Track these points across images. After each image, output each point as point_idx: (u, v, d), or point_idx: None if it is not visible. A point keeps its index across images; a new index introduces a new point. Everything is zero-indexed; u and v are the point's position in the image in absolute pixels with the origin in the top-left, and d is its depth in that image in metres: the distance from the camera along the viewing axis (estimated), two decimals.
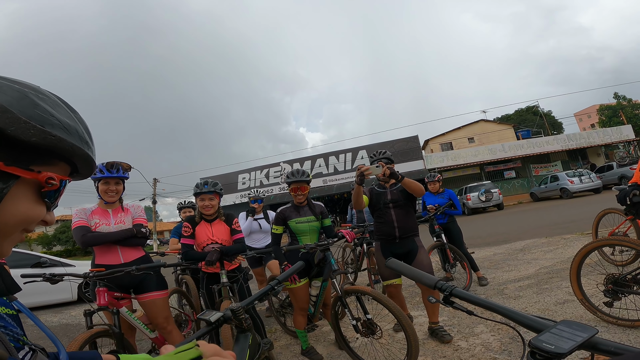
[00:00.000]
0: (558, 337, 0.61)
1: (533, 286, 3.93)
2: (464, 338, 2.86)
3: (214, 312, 1.11)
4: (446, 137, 31.49)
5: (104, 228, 2.51)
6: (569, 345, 0.58)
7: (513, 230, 9.04)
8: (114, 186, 2.56)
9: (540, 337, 0.62)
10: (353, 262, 5.48)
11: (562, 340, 0.60)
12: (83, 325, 5.34)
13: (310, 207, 3.07)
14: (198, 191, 2.88)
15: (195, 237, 2.90)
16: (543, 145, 23.78)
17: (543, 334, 0.63)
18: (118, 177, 2.55)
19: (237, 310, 1.16)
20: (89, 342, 2.08)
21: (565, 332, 0.62)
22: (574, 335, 0.61)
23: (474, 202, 17.81)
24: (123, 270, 2.32)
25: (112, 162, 2.50)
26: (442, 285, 0.87)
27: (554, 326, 0.65)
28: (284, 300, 3.75)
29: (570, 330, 0.62)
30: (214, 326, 1.10)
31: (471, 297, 0.81)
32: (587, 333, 0.61)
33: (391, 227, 3.01)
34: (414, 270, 0.97)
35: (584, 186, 16.87)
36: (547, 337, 0.62)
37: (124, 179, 2.62)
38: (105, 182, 2.52)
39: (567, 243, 5.97)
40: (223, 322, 1.13)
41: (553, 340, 0.60)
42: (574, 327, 0.63)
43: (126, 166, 2.58)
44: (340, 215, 29.67)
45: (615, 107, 37.84)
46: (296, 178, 3.00)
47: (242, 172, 27.06)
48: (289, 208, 3.05)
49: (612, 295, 2.51)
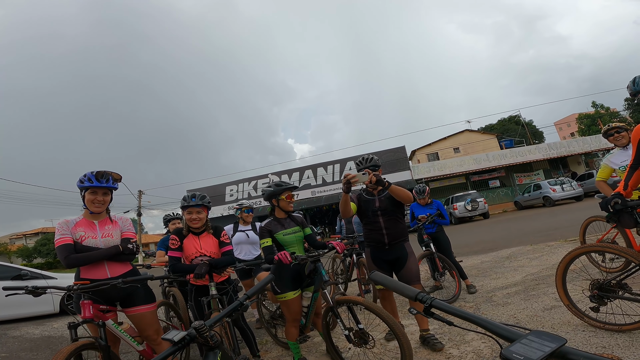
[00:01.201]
0: (528, 348, 0.63)
1: (520, 293, 3.99)
2: (455, 346, 2.87)
3: (177, 332, 1.11)
4: (432, 147, 32.08)
5: (90, 241, 2.41)
6: (538, 356, 0.61)
7: (499, 239, 9.20)
8: (102, 197, 2.46)
9: (511, 347, 0.65)
10: (343, 273, 5.47)
11: (531, 351, 0.62)
12: (66, 337, 5.19)
13: (292, 218, 3.07)
14: (185, 204, 2.84)
15: (183, 250, 2.86)
16: (525, 154, 24.44)
17: (514, 345, 0.66)
18: (107, 187, 2.47)
19: (200, 328, 1.16)
20: (74, 354, 2.03)
21: (535, 342, 0.65)
22: (543, 345, 0.64)
23: (460, 211, 18.06)
24: (109, 283, 2.26)
25: (102, 172, 2.43)
26: (423, 297, 0.91)
27: (525, 336, 0.67)
28: (275, 312, 3.70)
29: (540, 340, 0.65)
30: (179, 346, 1.09)
31: (450, 309, 0.85)
32: (555, 343, 0.64)
33: (380, 234, 3.02)
34: (396, 282, 1.01)
35: (565, 194, 17.35)
36: (517, 348, 0.64)
37: (113, 189, 2.54)
38: (92, 192, 2.43)
39: (551, 250, 6.10)
40: (189, 342, 1.12)
41: (523, 351, 0.63)
42: (544, 338, 0.66)
43: (117, 176, 2.51)
44: (329, 226, 29.62)
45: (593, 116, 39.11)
46: (286, 186, 2.99)
47: (230, 184, 26.83)
48: (271, 222, 2.99)
49: (598, 300, 2.57)
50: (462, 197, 18.73)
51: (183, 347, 1.12)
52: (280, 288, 2.84)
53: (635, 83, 2.12)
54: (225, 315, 1.33)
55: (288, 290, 2.85)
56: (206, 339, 1.20)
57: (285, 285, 2.84)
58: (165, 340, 1.10)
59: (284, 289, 2.84)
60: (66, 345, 2.11)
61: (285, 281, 2.84)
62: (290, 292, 2.85)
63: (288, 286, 2.85)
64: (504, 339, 0.73)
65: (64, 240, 2.33)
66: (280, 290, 2.84)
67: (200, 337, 1.18)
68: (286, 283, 2.84)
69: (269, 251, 2.84)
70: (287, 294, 2.84)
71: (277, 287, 2.85)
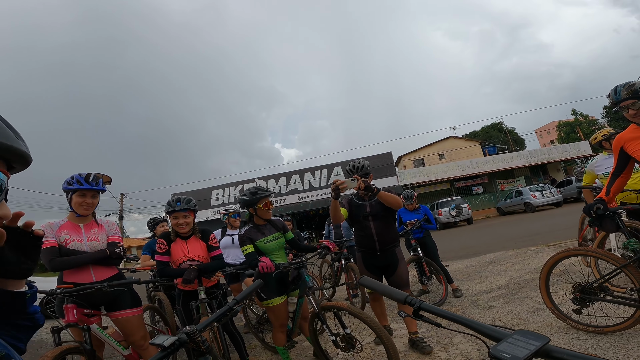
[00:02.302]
0: (514, 346, 0.66)
1: (505, 296, 4.07)
2: (444, 349, 2.90)
3: (167, 337, 1.07)
4: (418, 153, 32.56)
5: (75, 245, 2.35)
6: (524, 354, 0.64)
7: (483, 244, 9.37)
8: (90, 199, 2.41)
9: (498, 346, 0.68)
10: (331, 277, 5.46)
11: (517, 349, 0.65)
12: (45, 341, 5.06)
13: (272, 224, 2.99)
14: (171, 209, 2.77)
15: (171, 254, 2.80)
16: (508, 161, 25.07)
17: (501, 344, 0.68)
18: (96, 189, 2.41)
19: (192, 333, 1.14)
20: (59, 359, 2.00)
21: (521, 341, 0.68)
22: (528, 344, 0.66)
23: (445, 217, 18.35)
24: (94, 287, 2.21)
25: (90, 174, 2.38)
26: (412, 300, 0.94)
27: (510, 335, 0.70)
28: (262, 316, 3.66)
29: (525, 339, 0.68)
30: (169, 351, 1.05)
31: (438, 311, 0.88)
32: (539, 341, 0.66)
33: (371, 240, 3.02)
34: (385, 286, 1.03)
35: (546, 200, 17.85)
36: (504, 347, 0.67)
37: (101, 191, 2.49)
38: (81, 194, 2.37)
39: (533, 255, 6.26)
40: (179, 347, 1.09)
41: (509, 350, 0.66)
42: (528, 336, 0.68)
43: (107, 179, 2.47)
44: (316, 231, 29.59)
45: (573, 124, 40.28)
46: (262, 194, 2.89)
47: (216, 188, 26.51)
48: (251, 230, 2.90)
49: (580, 302, 2.64)
50: (447, 202, 19.04)
51: (172, 353, 1.09)
52: (266, 294, 2.81)
53: (617, 92, 2.21)
54: (214, 320, 1.31)
55: (274, 296, 2.81)
56: (198, 344, 1.18)
57: (270, 291, 2.81)
58: (154, 345, 1.06)
59: (270, 294, 2.81)
60: (47, 349, 2.11)
61: (271, 287, 2.81)
62: (276, 297, 2.82)
63: (274, 292, 2.81)
64: (490, 338, 0.76)
65: (48, 244, 2.27)
66: (266, 297, 2.81)
67: (192, 342, 1.16)
68: (272, 289, 2.81)
69: (253, 257, 2.77)
70: (273, 299, 2.81)
71: (263, 293, 2.81)
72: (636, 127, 2.25)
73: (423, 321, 0.92)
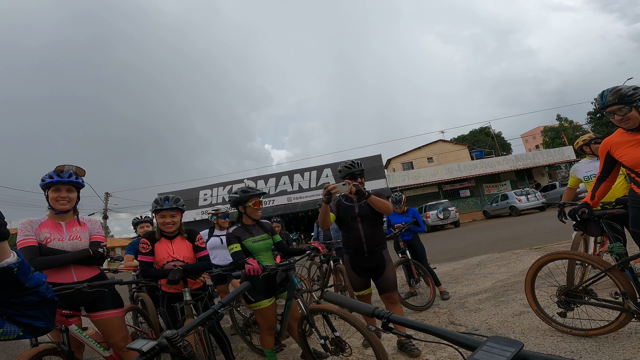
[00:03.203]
0: (490, 354, 0.65)
1: (491, 299, 4.12)
2: (432, 352, 2.90)
3: (146, 341, 1.03)
4: (407, 156, 32.86)
5: (56, 243, 2.26)
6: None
7: (469, 246, 9.49)
8: (65, 193, 2.30)
9: (475, 355, 0.67)
10: (320, 279, 5.43)
11: (494, 357, 0.64)
12: (22, 342, 4.85)
13: (261, 225, 2.99)
14: (158, 207, 2.70)
15: (155, 254, 2.73)
16: (494, 165, 25.52)
17: (477, 352, 0.67)
18: (70, 182, 2.30)
19: (173, 337, 1.09)
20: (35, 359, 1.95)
21: (496, 348, 0.67)
22: (503, 350, 0.66)
23: (433, 220, 18.55)
24: (73, 287, 2.13)
25: (62, 166, 2.29)
26: (379, 312, 0.92)
27: (484, 343, 0.69)
28: (249, 318, 3.61)
29: (499, 346, 0.67)
30: (148, 357, 1.00)
31: (408, 322, 0.87)
32: (514, 347, 0.66)
33: (359, 242, 2.99)
34: (351, 300, 1.03)
35: (530, 204, 18.24)
36: (480, 355, 0.66)
37: (78, 185, 2.38)
38: (56, 189, 2.28)
39: (518, 258, 6.36)
40: (159, 352, 1.04)
41: (486, 358, 0.65)
42: (502, 343, 0.68)
43: (80, 171, 2.36)
44: (305, 233, 29.50)
45: (557, 129, 41.07)
46: (253, 193, 2.90)
47: (204, 188, 26.20)
48: (239, 229, 2.89)
49: (565, 305, 2.68)
50: (435, 205, 19.27)
51: (151, 358, 1.04)
52: (254, 297, 2.76)
53: (603, 97, 2.24)
54: (198, 323, 1.26)
55: (262, 298, 2.77)
56: (179, 349, 1.13)
57: (258, 293, 2.76)
58: (132, 350, 1.00)
59: (257, 297, 2.76)
60: (24, 349, 2.03)
61: (259, 289, 2.76)
62: (264, 300, 2.78)
63: (262, 294, 2.77)
64: (464, 347, 0.75)
65: (28, 242, 2.18)
66: (254, 299, 2.76)
67: (173, 347, 1.11)
68: (259, 291, 2.77)
69: (239, 256, 2.74)
70: (261, 302, 2.76)
71: (251, 295, 2.76)
72: (623, 131, 2.29)
73: (393, 333, 0.90)
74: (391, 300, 3.02)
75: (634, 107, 2.15)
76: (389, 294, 3.01)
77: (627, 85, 2.21)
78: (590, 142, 3.60)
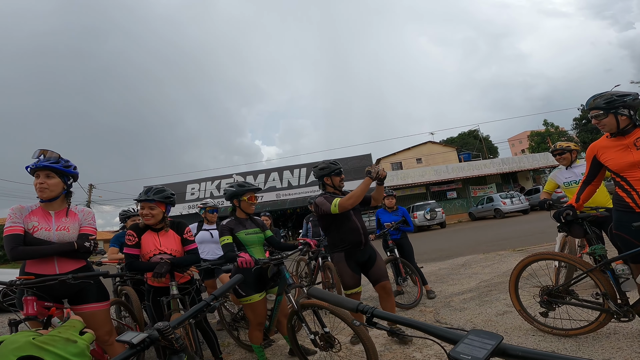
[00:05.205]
0: (472, 347, 0.67)
1: (475, 299, 4.19)
2: (418, 349, 2.94)
3: (135, 334, 1.00)
4: (397, 156, 33.12)
5: (42, 233, 2.19)
6: (483, 354, 0.65)
7: (455, 247, 9.65)
8: (44, 179, 2.20)
9: (457, 348, 0.69)
10: (307, 276, 5.44)
11: (475, 350, 0.66)
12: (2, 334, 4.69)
13: (253, 220, 3.05)
14: (140, 197, 2.66)
15: (141, 247, 2.67)
16: (481, 168, 25.96)
17: (459, 345, 0.69)
18: (46, 167, 2.18)
19: (164, 329, 1.08)
20: None
21: (476, 341, 0.69)
22: (484, 343, 0.68)
23: (420, 220, 18.77)
24: (57, 278, 2.07)
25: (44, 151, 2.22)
26: (363, 307, 0.93)
27: (465, 336, 0.71)
28: (236, 314, 3.59)
29: (480, 339, 0.69)
30: (138, 349, 0.98)
31: (392, 317, 0.88)
32: (494, 340, 0.68)
33: (358, 233, 3.04)
34: (335, 296, 1.03)
35: (514, 207, 18.67)
36: (462, 348, 0.68)
37: (57, 170, 2.23)
38: (36, 176, 2.20)
39: (501, 259, 6.50)
40: (149, 345, 1.02)
41: (468, 351, 0.67)
42: (482, 336, 0.70)
43: (52, 154, 2.22)
44: (293, 229, 29.46)
45: (544, 134, 41.84)
46: (249, 187, 2.98)
47: (192, 182, 25.88)
48: (232, 221, 2.94)
49: (547, 305, 2.75)
50: (422, 206, 19.52)
51: (142, 351, 1.02)
52: (245, 291, 2.75)
53: (587, 102, 2.34)
54: (190, 316, 1.25)
55: (253, 292, 2.77)
56: (171, 342, 1.12)
57: (249, 288, 2.76)
58: (121, 342, 0.98)
59: (248, 291, 2.76)
60: None
61: (249, 283, 2.76)
62: (255, 294, 2.77)
63: (252, 288, 2.77)
64: (446, 341, 0.77)
65: (14, 230, 2.11)
66: (244, 293, 2.76)
67: (164, 340, 1.09)
68: (250, 285, 2.76)
69: (230, 248, 2.76)
70: (252, 296, 2.76)
71: (241, 289, 2.76)
72: (609, 136, 2.35)
73: (377, 329, 0.90)
74: (386, 290, 3.08)
75: (612, 113, 2.22)
76: (383, 282, 3.07)
77: (615, 91, 2.28)
78: (553, 152, 3.79)
